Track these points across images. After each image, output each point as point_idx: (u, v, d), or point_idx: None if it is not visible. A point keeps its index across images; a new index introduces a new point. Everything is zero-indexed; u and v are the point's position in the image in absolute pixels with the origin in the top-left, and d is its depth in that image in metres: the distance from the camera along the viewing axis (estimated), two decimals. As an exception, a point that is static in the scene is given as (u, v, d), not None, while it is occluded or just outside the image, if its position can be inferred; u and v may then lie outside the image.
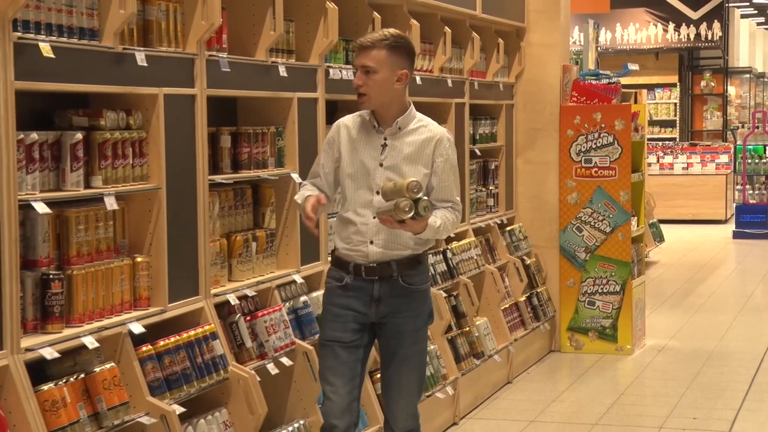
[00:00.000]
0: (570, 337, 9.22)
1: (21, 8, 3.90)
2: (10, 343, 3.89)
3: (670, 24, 25.13)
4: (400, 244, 4.63)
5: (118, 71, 4.46)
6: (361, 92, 4.58)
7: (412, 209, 4.25)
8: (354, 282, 4.66)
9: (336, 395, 4.64)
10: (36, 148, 4.14)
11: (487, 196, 8.79)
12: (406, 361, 4.72)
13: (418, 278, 4.72)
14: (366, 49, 4.54)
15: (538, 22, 9.28)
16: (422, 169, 4.62)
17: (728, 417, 7.24)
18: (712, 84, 26.56)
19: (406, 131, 4.66)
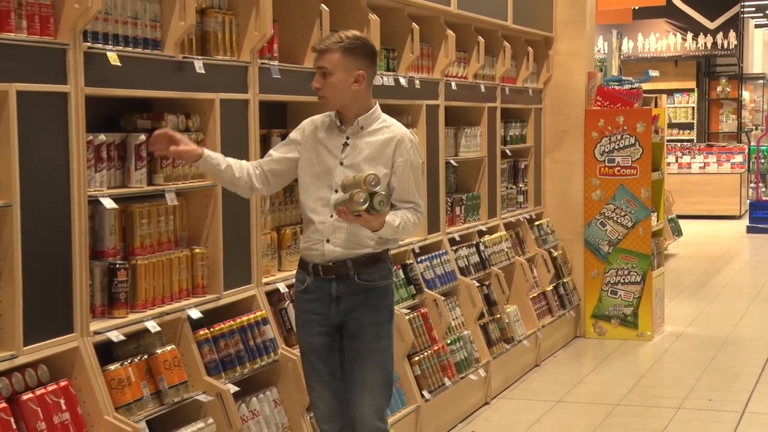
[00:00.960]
0: (594, 324, 9.21)
1: (91, 20, 3.94)
2: (80, 327, 3.93)
3: (689, 33, 25.02)
4: (359, 243, 4.30)
5: (178, 78, 4.49)
6: (320, 94, 4.31)
7: (366, 201, 3.94)
8: (314, 283, 4.34)
9: (321, 401, 4.43)
10: (104, 149, 4.18)
11: (517, 193, 8.79)
12: (369, 356, 4.34)
13: (376, 275, 4.36)
14: (321, 53, 4.26)
15: (565, 32, 9.26)
16: (382, 168, 4.28)
17: (742, 399, 7.20)
18: (728, 89, 26.39)
19: (368, 131, 4.35)
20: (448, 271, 7.02)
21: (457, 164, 7.66)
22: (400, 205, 4.33)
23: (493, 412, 7.00)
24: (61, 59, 3.86)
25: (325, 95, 4.30)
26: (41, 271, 3.77)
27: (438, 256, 6.95)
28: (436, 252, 6.98)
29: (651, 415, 6.86)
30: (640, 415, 6.86)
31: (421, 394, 6.14)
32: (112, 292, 4.19)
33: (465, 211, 7.68)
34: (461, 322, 7.05)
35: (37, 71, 3.75)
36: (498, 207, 8.24)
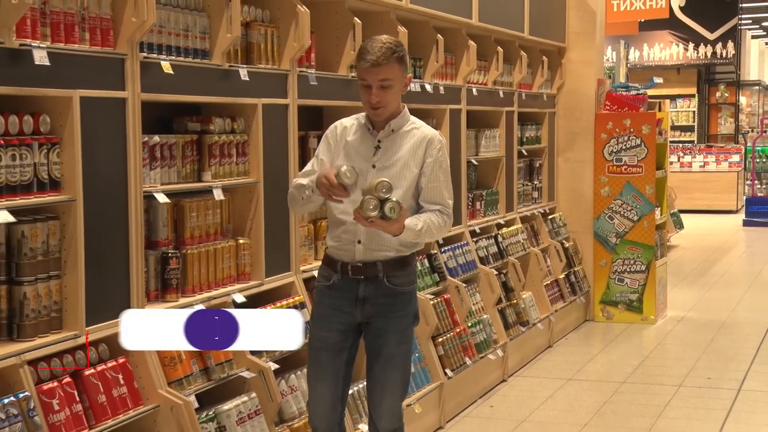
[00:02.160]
0: (602, 309, 9.19)
1: (146, 33, 3.96)
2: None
3: (690, 44, 24.94)
4: (384, 245, 3.95)
5: (225, 85, 4.51)
6: (379, 105, 3.93)
7: (377, 209, 3.64)
8: (341, 281, 4.00)
9: (319, 398, 4.08)
10: (158, 149, 4.20)
11: (532, 189, 8.79)
12: (390, 361, 4.03)
13: (404, 279, 4.03)
14: (380, 66, 3.86)
15: (576, 43, 9.24)
16: (414, 169, 3.98)
17: (738, 377, 7.18)
18: (726, 95, 26.29)
19: (399, 133, 4.02)
20: (469, 261, 7.03)
21: (477, 163, 7.66)
22: (426, 206, 4.01)
23: (510, 389, 7.00)
24: (120, 68, 3.88)
25: (385, 105, 3.94)
26: (101, 259, 3.80)
27: (460, 247, 6.96)
28: (458, 243, 6.98)
29: (654, 392, 6.84)
30: (645, 392, 6.84)
31: (444, 372, 6.15)
32: (165, 279, 4.21)
33: (484, 205, 7.68)
34: (481, 306, 7.06)
35: (98, 79, 3.78)
36: (515, 202, 8.24)
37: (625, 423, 6.15)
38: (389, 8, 5.92)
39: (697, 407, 6.49)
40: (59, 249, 3.67)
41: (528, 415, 6.35)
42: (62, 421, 3.50)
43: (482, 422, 6.22)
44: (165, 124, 4.50)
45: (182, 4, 4.31)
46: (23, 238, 3.53)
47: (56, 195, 3.63)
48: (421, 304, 5.97)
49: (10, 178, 3.44)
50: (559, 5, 9.10)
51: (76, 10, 3.72)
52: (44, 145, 3.57)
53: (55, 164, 3.62)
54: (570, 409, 6.49)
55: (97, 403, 3.68)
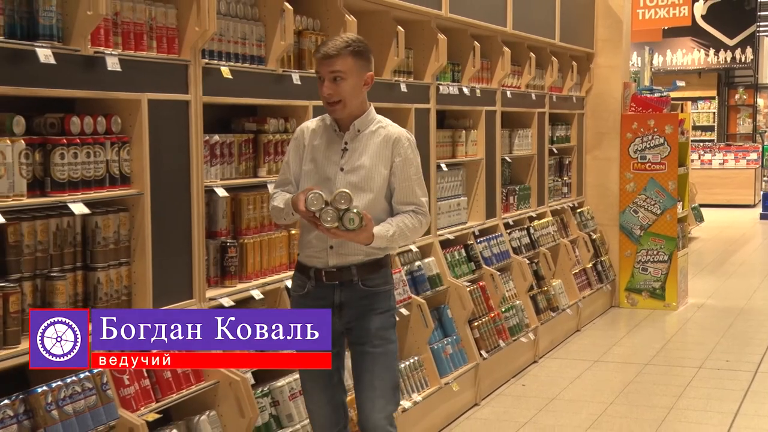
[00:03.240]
0: (627, 296, 9.14)
1: (208, 41, 3.99)
2: (198, 294, 3.99)
3: (711, 49, 24.70)
4: (355, 249, 3.57)
5: (278, 88, 4.52)
6: (334, 100, 3.56)
7: (335, 220, 3.35)
8: (315, 289, 3.62)
9: (316, 406, 3.73)
10: (217, 147, 4.23)
11: (561, 185, 8.76)
12: (377, 361, 3.62)
13: (379, 280, 3.64)
14: (332, 57, 3.52)
15: (604, 49, 9.19)
16: (382, 170, 3.59)
17: (755, 360, 7.11)
18: (744, 97, 26.04)
19: (365, 133, 3.63)
20: (502, 251, 7.01)
21: (511, 160, 7.64)
22: (399, 208, 3.62)
23: (540, 370, 6.98)
24: (184, 73, 3.91)
25: (341, 100, 3.56)
26: (167, 248, 3.83)
27: (494, 238, 6.94)
28: (493, 234, 6.97)
29: (675, 373, 6.80)
30: (667, 373, 6.79)
31: (480, 353, 6.15)
32: (224, 266, 4.24)
33: (517, 200, 7.66)
34: (514, 293, 7.04)
35: (164, 83, 3.81)
36: (546, 196, 8.21)
37: (648, 401, 6.12)
38: (430, 17, 5.91)
39: (715, 387, 6.43)
40: (129, 238, 3.71)
41: (557, 393, 6.33)
42: (132, 395, 3.54)
43: (515, 400, 6.21)
44: (224, 124, 4.53)
45: (240, 14, 4.34)
46: (97, 228, 3.58)
47: (126, 189, 3.67)
48: (458, 290, 5.98)
49: (86, 174, 3.48)
50: (587, 14, 9.05)
51: (145, 20, 3.75)
52: (116, 144, 3.61)
53: (125, 161, 3.65)
54: (596, 388, 6.46)
55: (163, 378, 3.71)
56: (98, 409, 3.33)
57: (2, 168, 3.14)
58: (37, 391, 3.17)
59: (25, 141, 3.25)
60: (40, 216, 3.39)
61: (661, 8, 14.57)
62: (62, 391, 3.23)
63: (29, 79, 3.19)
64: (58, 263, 3.46)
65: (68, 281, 3.45)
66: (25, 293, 3.28)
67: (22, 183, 3.23)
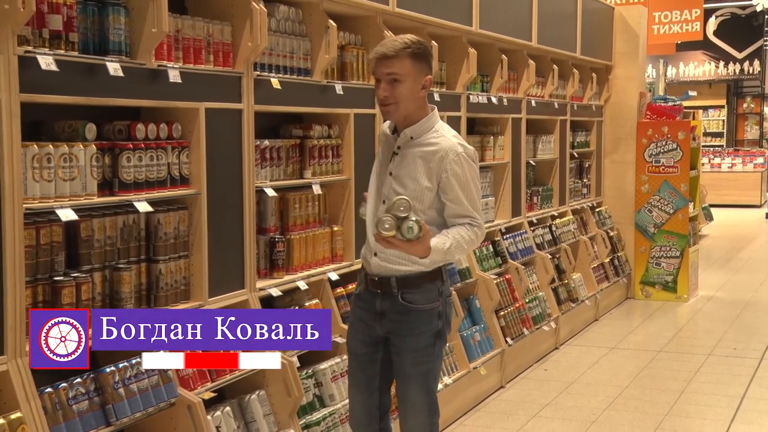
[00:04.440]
0: (641, 289, 9.07)
1: (259, 55, 4.00)
2: (249, 284, 4.01)
3: (721, 62, 24.57)
4: (398, 259, 3.21)
5: (323, 97, 4.53)
6: (387, 102, 3.18)
7: (393, 228, 2.94)
8: (364, 292, 3.36)
9: (354, 404, 3.47)
10: (267, 151, 4.24)
11: (581, 186, 8.70)
12: (409, 381, 3.30)
13: (419, 297, 3.24)
14: (389, 59, 3.15)
15: (621, 61, 9.12)
16: (425, 182, 3.17)
17: (760, 348, 7.03)
18: (752, 106, 25.80)
19: (418, 142, 3.23)
20: (527, 246, 6.98)
21: (535, 164, 7.59)
22: (453, 221, 3.22)
23: (561, 356, 6.94)
24: (238, 84, 3.93)
25: (395, 102, 3.18)
26: (221, 242, 3.85)
27: (519, 235, 6.91)
28: (518, 231, 6.94)
29: (686, 359, 6.73)
30: (678, 360, 6.73)
31: (506, 340, 6.12)
32: (273, 259, 4.25)
33: (541, 200, 7.62)
34: (537, 285, 7.01)
35: (220, 93, 3.83)
36: (567, 197, 8.16)
37: (661, 386, 6.06)
38: (461, 33, 5.89)
39: (724, 373, 6.36)
40: (187, 233, 3.73)
41: (577, 377, 6.29)
42: (189, 375, 3.56)
43: (537, 383, 6.18)
44: (273, 130, 4.54)
45: (289, 30, 4.35)
46: (159, 225, 3.60)
47: (185, 189, 3.69)
48: (486, 282, 5.96)
49: (149, 175, 3.51)
50: (606, 29, 8.98)
51: (203, 36, 3.77)
52: (176, 148, 3.63)
53: (184, 164, 3.68)
54: (613, 373, 6.41)
55: (217, 360, 3.73)
56: (159, 387, 3.36)
57: (76, 170, 3.17)
58: (106, 371, 3.20)
59: (96, 146, 3.28)
60: (108, 213, 3.42)
61: (675, 24, 14.45)
62: (128, 371, 3.25)
63: (100, 90, 3.22)
64: (124, 256, 3.48)
65: (133, 272, 3.47)
66: (95, 283, 3.31)
67: (93, 183, 3.26)
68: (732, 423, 5.29)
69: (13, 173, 2.87)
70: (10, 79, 2.85)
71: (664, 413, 5.48)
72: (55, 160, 3.09)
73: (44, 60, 2.97)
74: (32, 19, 2.98)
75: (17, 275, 2.92)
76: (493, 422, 5.35)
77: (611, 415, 5.46)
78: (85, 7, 3.25)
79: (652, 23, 14.09)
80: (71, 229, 3.27)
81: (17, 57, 2.87)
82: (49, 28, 3.09)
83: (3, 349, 2.88)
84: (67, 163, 3.13)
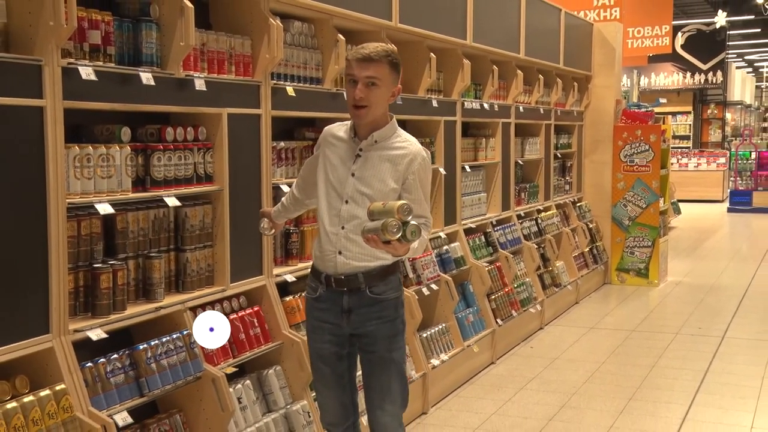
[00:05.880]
0: (617, 275, 9.05)
1: (276, 65, 3.99)
2: (267, 271, 3.99)
3: (688, 73, 24.61)
4: (364, 255, 3.00)
5: (333, 104, 4.51)
6: (361, 104, 2.96)
7: (400, 231, 2.70)
8: (326, 293, 3.06)
9: (326, 404, 3.19)
10: (283, 152, 4.22)
11: (564, 183, 8.68)
12: (386, 368, 3.07)
13: (385, 288, 3.05)
14: (371, 62, 2.94)
15: (600, 72, 9.09)
16: (391, 183, 2.97)
17: (722, 327, 7.02)
18: (715, 112, 25.84)
19: (382, 145, 3.01)
20: (515, 237, 6.96)
21: (522, 163, 7.57)
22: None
23: (546, 335, 6.93)
24: (256, 92, 3.91)
25: (369, 105, 2.96)
26: (242, 234, 3.84)
27: (509, 227, 6.89)
28: (508, 224, 6.92)
29: (657, 338, 6.71)
30: (649, 338, 6.71)
31: (496, 321, 6.11)
32: (288, 248, 4.24)
33: (528, 195, 7.60)
34: (524, 272, 6.99)
35: (241, 100, 3.81)
36: (551, 193, 8.14)
37: (634, 361, 6.05)
38: (457, 46, 5.86)
39: (690, 350, 6.34)
40: (212, 226, 3.72)
41: (559, 354, 6.27)
42: (214, 352, 3.56)
43: (524, 359, 6.17)
44: (288, 133, 4.53)
45: (303, 44, 4.33)
46: (186, 218, 3.59)
47: (209, 186, 3.68)
48: (479, 269, 5.95)
49: (177, 173, 3.49)
50: (586, 43, 8.95)
51: (226, 49, 3.75)
52: (201, 149, 3.62)
53: (209, 163, 3.66)
54: (591, 350, 6.39)
55: (238, 339, 3.73)
56: (187, 363, 3.35)
57: (112, 169, 3.16)
58: (140, 348, 3.19)
59: (130, 147, 3.27)
60: (141, 207, 3.41)
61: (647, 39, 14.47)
62: (159, 348, 3.25)
63: (134, 97, 3.20)
64: (155, 246, 3.48)
65: (163, 260, 3.46)
66: (129, 269, 3.30)
67: (128, 181, 3.25)
68: (697, 394, 5.28)
69: (57, 172, 2.87)
70: (54, 87, 2.85)
71: (636, 385, 5.47)
72: (94, 160, 3.08)
73: (85, 71, 2.96)
74: (74, 34, 2.98)
75: (61, 262, 2.92)
76: (485, 394, 5.34)
77: (590, 388, 5.45)
78: (121, 24, 3.25)
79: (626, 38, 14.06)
80: (108, 221, 3.26)
81: (61, 68, 2.87)
82: (89, 42, 3.09)
83: (48, 328, 2.88)
84: (104, 163, 3.12)
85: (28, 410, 2.69)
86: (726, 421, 4.77)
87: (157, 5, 3.37)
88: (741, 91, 30.44)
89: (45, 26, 2.80)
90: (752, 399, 5.17)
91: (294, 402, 3.93)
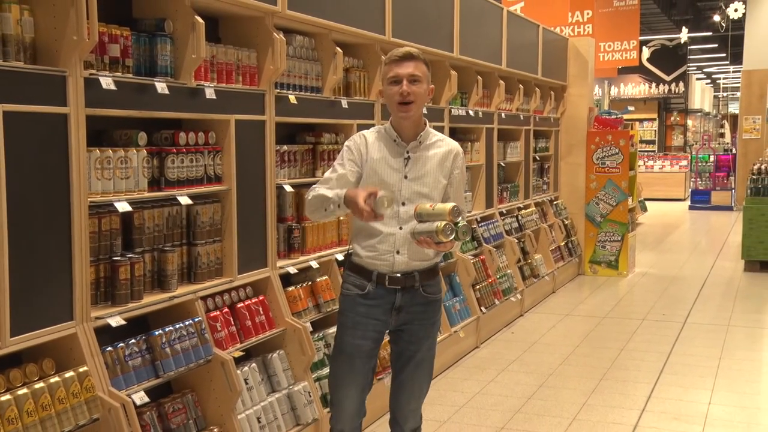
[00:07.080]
0: (590, 267, 9.06)
1: (279, 76, 3.97)
2: (271, 264, 3.98)
3: (653, 83, 24.71)
4: (424, 255, 2.88)
5: (331, 111, 4.50)
6: (408, 101, 2.82)
7: (453, 232, 2.60)
8: (376, 290, 2.88)
9: (349, 401, 2.94)
10: (285, 155, 4.21)
11: (542, 183, 8.67)
12: (421, 365, 2.95)
13: (435, 288, 2.95)
14: (413, 59, 2.82)
15: (575, 82, 9.09)
16: (442, 180, 2.89)
17: (684, 314, 7.03)
18: (678, 119, 25.97)
19: (426, 145, 2.91)
20: (498, 233, 6.96)
21: (504, 165, 7.57)
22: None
23: (525, 321, 6.93)
24: (262, 100, 3.90)
25: (414, 101, 2.82)
26: (248, 230, 3.83)
27: (492, 223, 6.89)
28: (491, 220, 6.92)
29: (626, 323, 6.72)
30: (619, 324, 6.72)
31: (480, 309, 6.11)
32: (290, 243, 4.23)
33: (509, 194, 7.59)
34: (506, 264, 6.99)
35: (247, 107, 3.80)
36: (530, 192, 8.14)
37: (606, 344, 6.05)
38: (445, 58, 5.86)
39: (655, 334, 6.36)
40: (220, 222, 3.71)
41: (538, 338, 6.28)
42: (223, 338, 3.55)
43: (506, 344, 6.17)
44: (290, 138, 4.51)
45: (304, 56, 4.32)
46: (197, 215, 3.58)
47: (218, 186, 3.66)
48: (465, 262, 5.95)
49: (189, 174, 3.48)
50: (562, 56, 8.95)
51: (233, 61, 3.74)
52: (211, 152, 3.61)
53: (218, 165, 3.65)
54: (567, 335, 6.40)
55: (245, 326, 3.72)
56: (198, 348, 3.34)
57: (130, 170, 3.15)
58: (155, 334, 3.18)
59: (146, 150, 3.26)
60: (156, 206, 3.39)
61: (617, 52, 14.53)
62: (173, 333, 3.24)
63: (150, 105, 3.19)
64: (169, 240, 3.46)
65: (177, 254, 3.45)
66: (146, 262, 3.29)
67: (144, 181, 3.24)
68: (661, 374, 5.29)
69: (80, 173, 2.86)
70: (77, 96, 2.84)
71: (607, 366, 5.48)
72: (113, 162, 3.06)
73: (105, 81, 2.95)
74: (96, 47, 2.97)
75: (83, 256, 2.90)
76: (470, 375, 5.34)
77: (565, 369, 5.46)
78: (138, 38, 3.24)
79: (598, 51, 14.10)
80: (126, 218, 3.25)
81: (83, 78, 2.86)
82: (109, 55, 3.08)
83: (72, 315, 2.87)
84: (123, 165, 3.11)
85: (54, 390, 2.69)
86: (687, 398, 4.79)
87: (171, 21, 3.36)
88: (701, 100, 30.61)
89: (69, 40, 2.79)
90: (710, 378, 5.18)
91: (296, 383, 3.92)
